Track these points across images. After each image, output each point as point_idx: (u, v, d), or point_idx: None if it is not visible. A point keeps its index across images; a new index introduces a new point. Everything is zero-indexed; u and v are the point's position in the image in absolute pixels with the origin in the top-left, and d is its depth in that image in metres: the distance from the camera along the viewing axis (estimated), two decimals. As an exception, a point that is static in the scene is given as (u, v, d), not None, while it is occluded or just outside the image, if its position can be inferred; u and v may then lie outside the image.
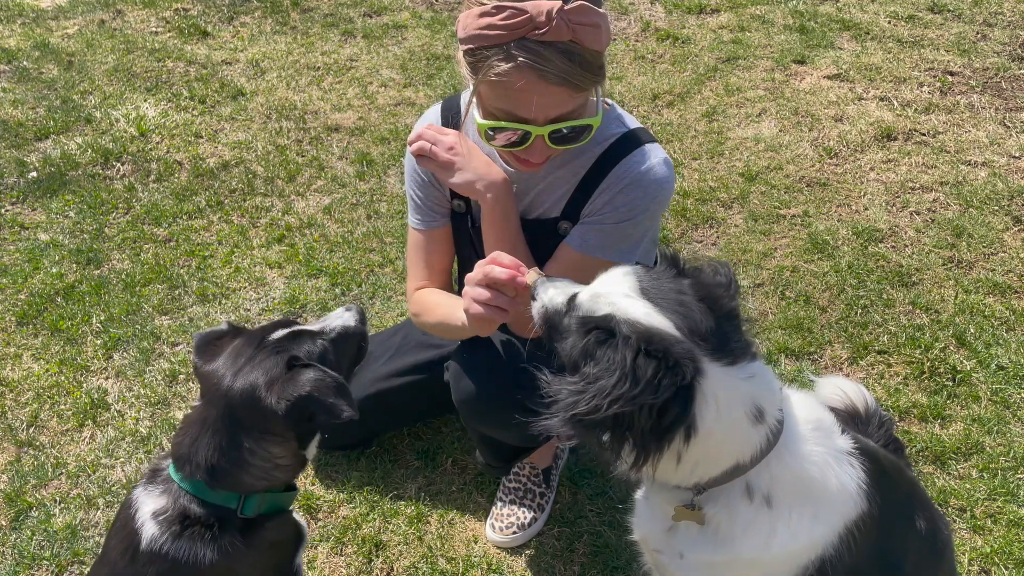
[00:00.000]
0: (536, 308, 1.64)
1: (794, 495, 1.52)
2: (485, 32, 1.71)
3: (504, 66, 1.71)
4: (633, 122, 2.09)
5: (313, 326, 1.82)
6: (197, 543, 1.61)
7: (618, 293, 1.46)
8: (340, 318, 1.87)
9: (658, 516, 1.67)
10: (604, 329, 1.40)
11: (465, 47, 1.79)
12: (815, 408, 1.63)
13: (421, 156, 2.01)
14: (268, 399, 1.59)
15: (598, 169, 2.03)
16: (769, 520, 1.52)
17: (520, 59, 1.69)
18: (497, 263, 1.75)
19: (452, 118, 2.16)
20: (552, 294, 1.61)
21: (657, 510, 1.68)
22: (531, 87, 1.71)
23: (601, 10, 1.74)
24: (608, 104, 2.10)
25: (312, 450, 1.78)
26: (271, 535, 1.72)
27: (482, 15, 1.71)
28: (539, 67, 1.69)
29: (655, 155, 2.02)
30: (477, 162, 1.98)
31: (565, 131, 1.83)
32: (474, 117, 1.89)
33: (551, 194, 2.09)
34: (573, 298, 1.55)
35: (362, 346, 1.93)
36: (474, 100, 1.89)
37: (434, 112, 2.20)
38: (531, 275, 1.72)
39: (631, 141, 2.03)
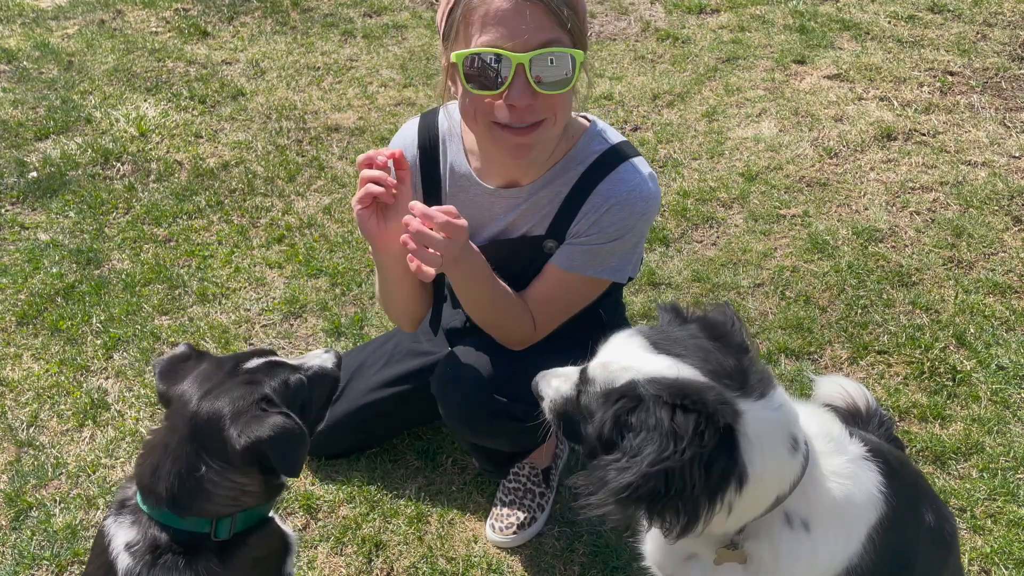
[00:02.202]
0: (545, 407, 1.58)
1: (829, 514, 1.48)
2: None
3: None
4: (616, 136, 2.05)
5: (291, 361, 1.75)
6: (172, 571, 1.56)
7: (630, 355, 1.40)
8: (319, 358, 1.79)
9: (675, 548, 1.59)
10: (631, 396, 1.32)
11: (445, 10, 1.79)
12: (823, 419, 1.60)
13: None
14: (230, 431, 1.52)
15: (582, 187, 2.00)
16: (810, 544, 1.47)
17: None
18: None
19: (430, 137, 2.12)
20: (556, 385, 1.55)
21: (677, 547, 1.58)
22: (506, 7, 1.68)
23: None
24: (589, 120, 2.07)
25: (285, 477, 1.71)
26: (253, 551, 1.66)
27: None
28: None
29: (640, 171, 1.99)
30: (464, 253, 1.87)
31: (548, 64, 1.72)
32: (453, 67, 1.81)
33: (535, 213, 2.06)
34: (582, 377, 1.47)
35: (333, 392, 1.84)
36: (455, 89, 1.85)
37: (411, 127, 2.16)
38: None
39: (614, 158, 1.99)
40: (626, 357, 1.40)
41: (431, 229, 1.77)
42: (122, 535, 1.61)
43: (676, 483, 1.26)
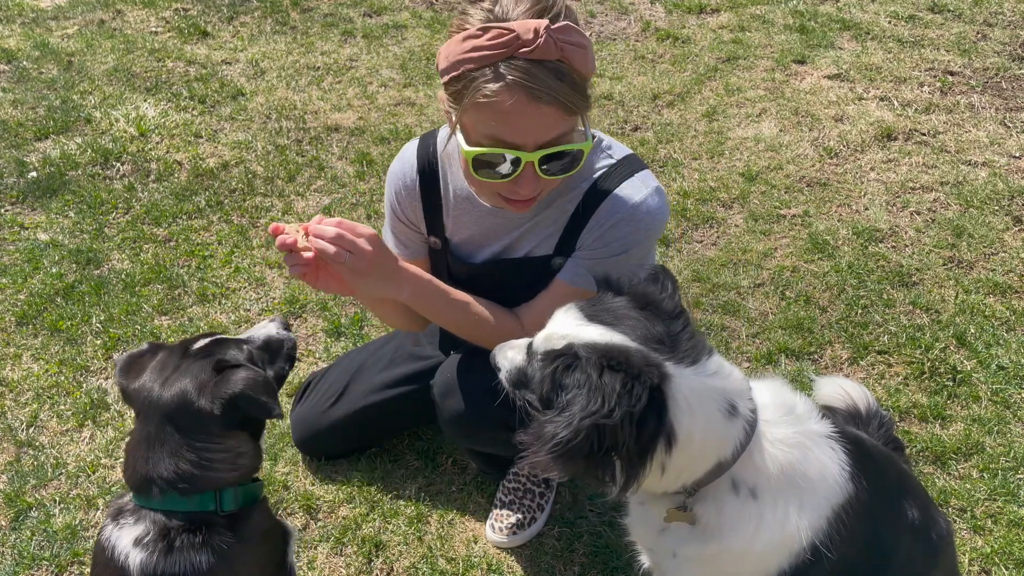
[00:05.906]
0: (502, 377, 1.66)
1: (779, 484, 1.53)
2: (471, 55, 1.65)
3: (492, 86, 1.63)
4: (622, 151, 2.02)
5: (238, 336, 1.82)
6: (189, 552, 1.57)
7: (568, 325, 1.50)
8: (264, 328, 1.86)
9: (651, 518, 1.68)
10: (567, 356, 1.43)
11: (450, 75, 1.71)
12: (785, 394, 1.64)
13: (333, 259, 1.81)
14: (201, 403, 1.58)
15: (587, 204, 1.97)
16: (756, 511, 1.53)
17: (509, 77, 1.62)
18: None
19: (429, 161, 2.09)
20: (511, 356, 1.64)
21: (649, 513, 1.69)
22: (521, 108, 1.64)
23: (586, 35, 1.71)
24: (594, 135, 2.03)
25: (264, 441, 1.78)
26: (260, 523, 1.71)
27: (467, 38, 1.65)
28: (529, 85, 1.62)
29: (646, 186, 1.96)
30: (390, 266, 1.89)
31: (557, 157, 1.74)
32: (460, 146, 1.79)
33: (539, 233, 2.04)
34: (530, 348, 1.57)
35: (291, 354, 1.88)
36: (456, 137, 1.80)
37: (410, 152, 2.13)
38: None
39: (620, 173, 1.97)
40: (564, 328, 1.50)
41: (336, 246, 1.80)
42: (127, 535, 1.60)
43: (608, 439, 1.33)
